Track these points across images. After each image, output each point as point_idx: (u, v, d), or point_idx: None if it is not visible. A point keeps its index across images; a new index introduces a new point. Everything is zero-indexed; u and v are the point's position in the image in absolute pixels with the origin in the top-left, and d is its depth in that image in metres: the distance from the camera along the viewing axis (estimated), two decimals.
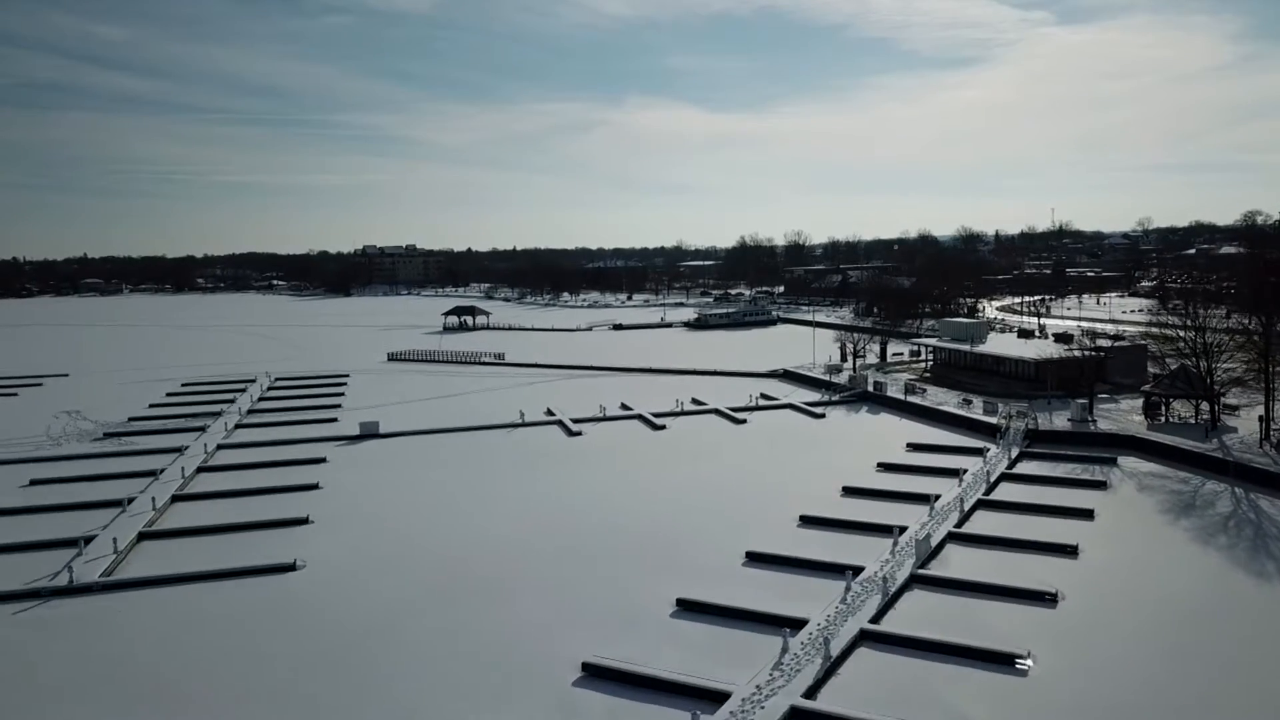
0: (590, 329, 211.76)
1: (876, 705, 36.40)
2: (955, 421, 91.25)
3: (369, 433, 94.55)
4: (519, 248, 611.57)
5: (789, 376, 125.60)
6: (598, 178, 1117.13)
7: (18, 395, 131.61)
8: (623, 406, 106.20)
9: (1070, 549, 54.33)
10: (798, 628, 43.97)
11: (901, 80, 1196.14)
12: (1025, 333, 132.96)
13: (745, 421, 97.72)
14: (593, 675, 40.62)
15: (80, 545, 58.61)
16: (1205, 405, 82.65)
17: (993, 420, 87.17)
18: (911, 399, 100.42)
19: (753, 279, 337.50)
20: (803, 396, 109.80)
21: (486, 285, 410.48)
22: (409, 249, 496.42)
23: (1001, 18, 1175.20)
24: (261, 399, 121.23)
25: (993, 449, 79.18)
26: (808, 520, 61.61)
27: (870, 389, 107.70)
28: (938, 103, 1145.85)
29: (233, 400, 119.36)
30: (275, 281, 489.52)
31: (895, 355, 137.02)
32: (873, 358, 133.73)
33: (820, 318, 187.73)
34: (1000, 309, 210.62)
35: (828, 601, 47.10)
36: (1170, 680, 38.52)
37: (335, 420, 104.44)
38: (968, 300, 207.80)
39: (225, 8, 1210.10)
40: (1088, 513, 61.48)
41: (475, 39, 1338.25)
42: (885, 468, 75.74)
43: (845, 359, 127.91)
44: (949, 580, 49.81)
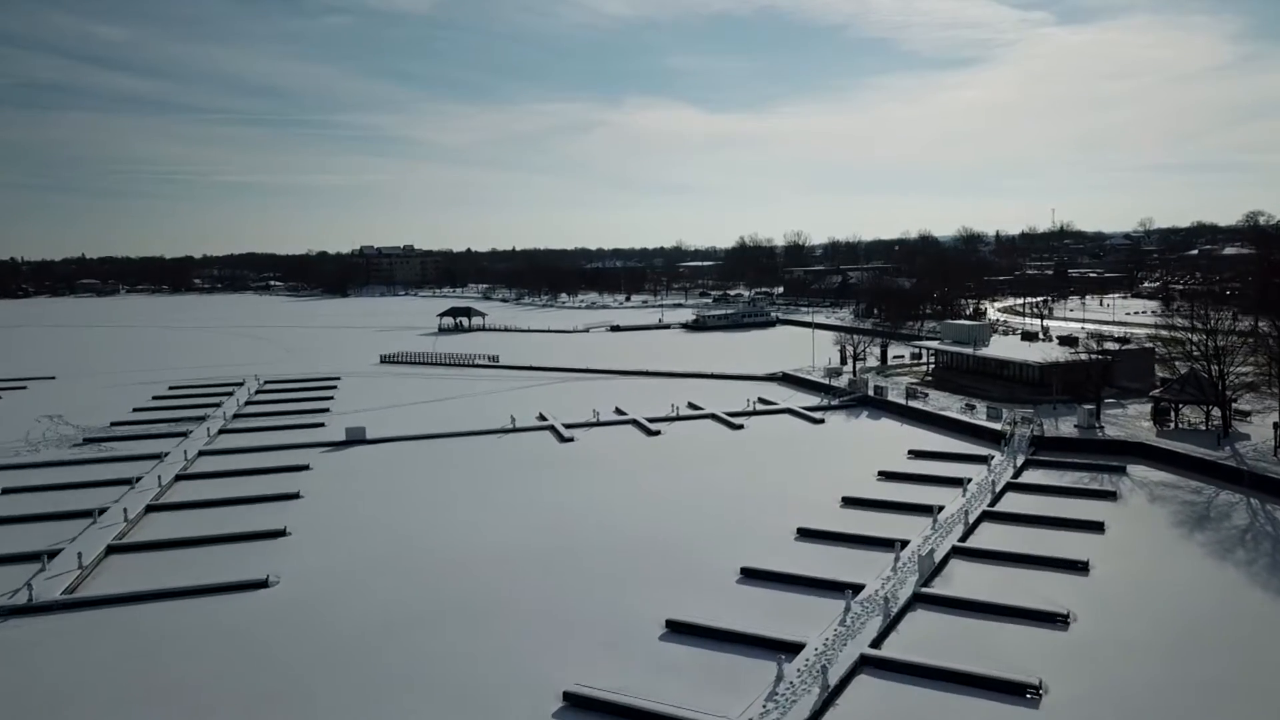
0: (587, 330, 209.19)
1: None
2: (958, 427, 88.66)
3: (355, 439, 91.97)
4: (518, 248, 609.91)
5: (788, 380, 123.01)
6: (597, 178, 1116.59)
7: (0, 399, 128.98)
8: (617, 411, 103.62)
9: (1081, 565, 51.75)
10: (794, 652, 41.42)
11: (901, 80, 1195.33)
12: (1029, 335, 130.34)
13: (742, 427, 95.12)
14: (575, 705, 38.06)
15: (43, 560, 55.98)
16: (1216, 411, 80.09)
17: (997, 426, 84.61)
18: (913, 404, 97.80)
19: (752, 279, 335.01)
20: (802, 401, 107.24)
21: (484, 286, 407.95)
22: (406, 249, 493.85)
23: (1001, 18, 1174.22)
24: (249, 403, 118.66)
25: (997, 457, 76.62)
26: (806, 533, 59.03)
27: (870, 393, 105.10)
28: (938, 103, 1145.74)
29: (219, 404, 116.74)
30: (272, 282, 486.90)
31: (896, 358, 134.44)
32: (873, 360, 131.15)
33: (820, 319, 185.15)
34: (1002, 310, 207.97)
35: (826, 623, 44.54)
36: (1193, 713, 35.94)
37: (322, 425, 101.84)
38: (970, 302, 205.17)
39: (225, 8, 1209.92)
40: (1098, 525, 58.90)
41: (475, 39, 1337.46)
42: (886, 476, 73.14)
43: (845, 362, 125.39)
44: (954, 600, 47.23)
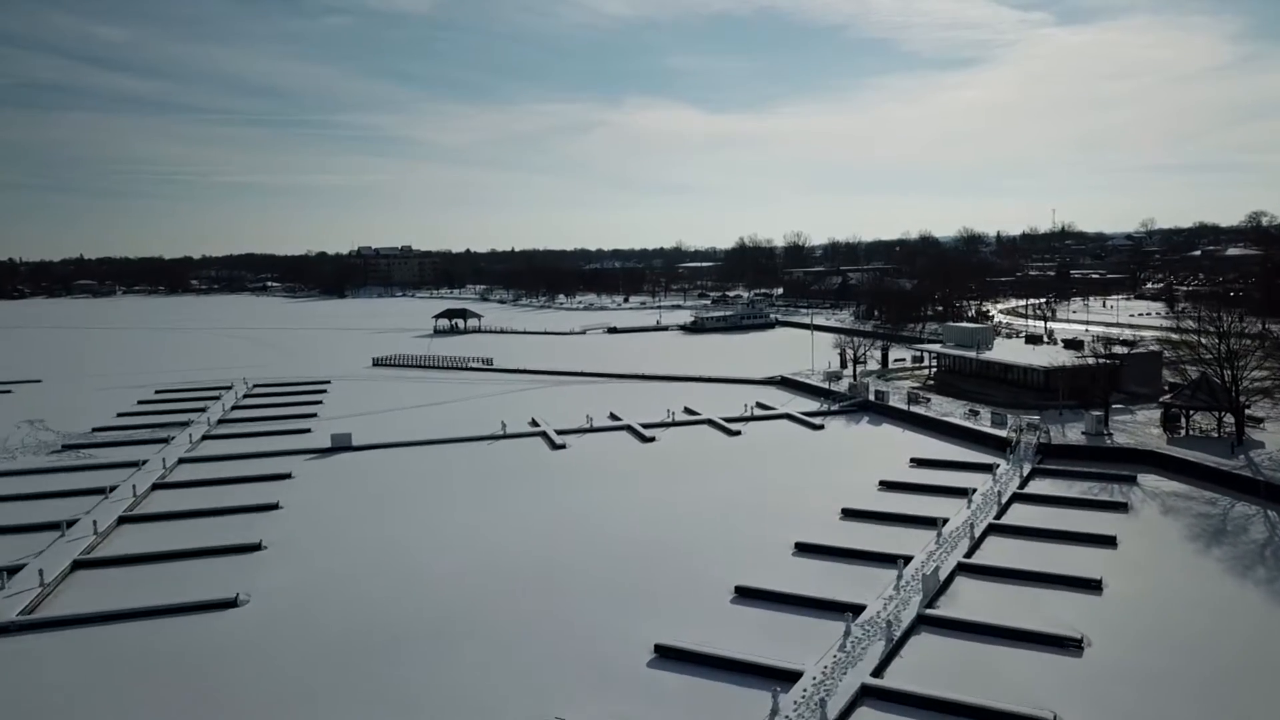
0: (584, 332, 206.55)
1: None
2: (961, 434, 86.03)
3: (340, 445, 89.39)
4: (518, 249, 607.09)
5: (786, 384, 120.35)
6: (597, 178, 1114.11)
7: None
8: (611, 416, 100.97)
9: (1093, 583, 49.14)
10: (790, 681, 38.84)
11: (902, 81, 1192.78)
12: (1033, 339, 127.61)
13: (739, 433, 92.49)
14: None
15: (3, 577, 53.33)
16: (1229, 418, 77.45)
17: (1002, 433, 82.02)
18: (915, 409, 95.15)
19: (751, 280, 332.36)
20: (801, 406, 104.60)
21: (482, 287, 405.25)
22: (404, 250, 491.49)
23: (1001, 19, 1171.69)
24: (235, 407, 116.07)
25: (1002, 465, 74.02)
26: (804, 548, 56.40)
27: (871, 398, 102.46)
28: (938, 103, 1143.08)
29: (205, 409, 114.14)
30: (270, 283, 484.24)
31: (897, 361, 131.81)
32: (873, 364, 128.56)
33: (819, 321, 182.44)
34: (1004, 312, 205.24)
35: (824, 648, 41.93)
36: None
37: (309, 431, 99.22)
38: (972, 303, 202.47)
39: (225, 8, 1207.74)
40: (1109, 540, 56.27)
41: (475, 39, 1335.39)
42: (887, 486, 70.50)
43: (845, 365, 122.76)
44: (960, 622, 44.56)
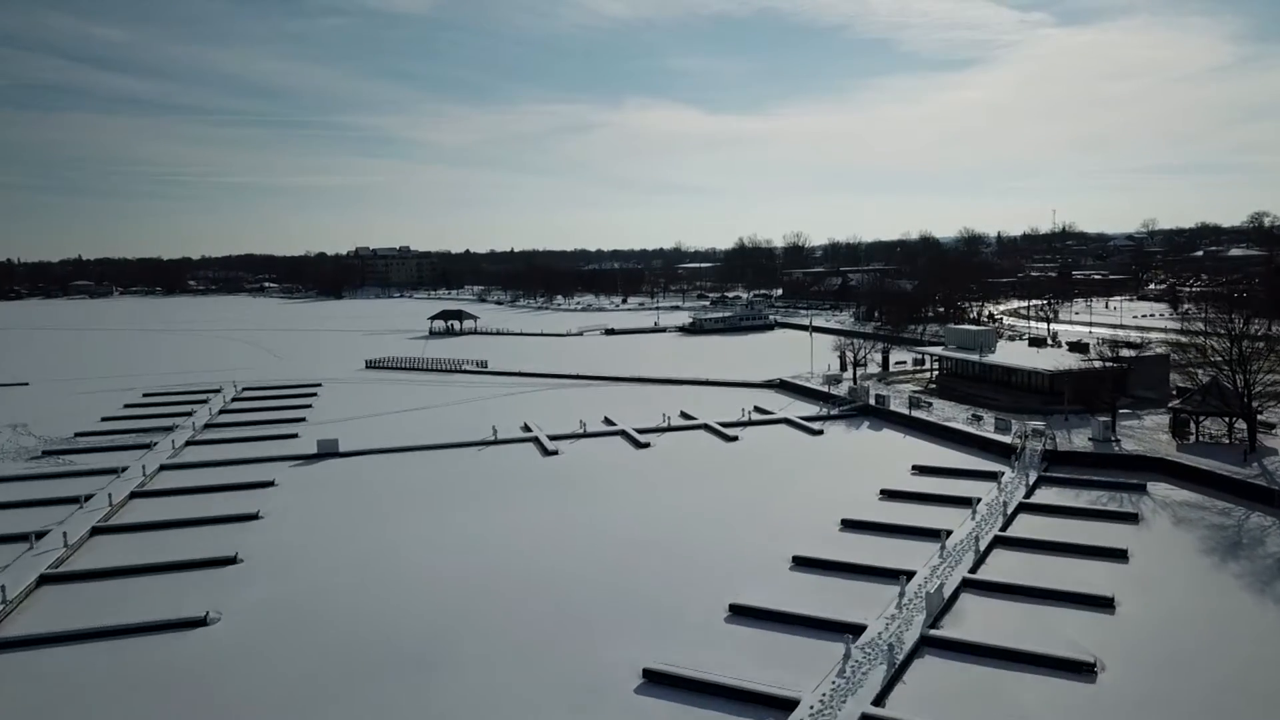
0: (581, 334, 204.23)
1: None
2: (965, 440, 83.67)
3: (327, 451, 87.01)
4: (517, 249, 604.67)
5: (785, 387, 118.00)
6: (597, 178, 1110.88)
7: None
8: (606, 421, 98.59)
9: (1105, 601, 46.79)
10: (787, 710, 36.51)
11: (901, 81, 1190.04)
12: (1037, 341, 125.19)
13: (736, 439, 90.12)
14: None
15: None
16: (1241, 424, 75.08)
17: (1006, 439, 79.68)
18: (916, 414, 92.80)
19: (751, 281, 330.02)
20: (799, 410, 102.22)
21: (480, 288, 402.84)
22: (402, 250, 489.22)
23: (1001, 19, 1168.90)
24: (223, 411, 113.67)
25: (1007, 473, 71.68)
26: (801, 562, 54.05)
27: (872, 402, 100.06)
28: (938, 103, 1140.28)
29: (191, 413, 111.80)
30: (267, 284, 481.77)
31: (898, 364, 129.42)
32: (874, 367, 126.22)
33: (819, 322, 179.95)
34: (1006, 313, 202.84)
35: (823, 673, 39.57)
36: None
37: (296, 436, 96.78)
38: (974, 305, 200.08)
39: (225, 8, 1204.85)
40: (1120, 554, 53.92)
41: (475, 39, 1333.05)
42: (888, 495, 68.17)
43: (845, 368, 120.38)
44: (966, 644, 42.18)
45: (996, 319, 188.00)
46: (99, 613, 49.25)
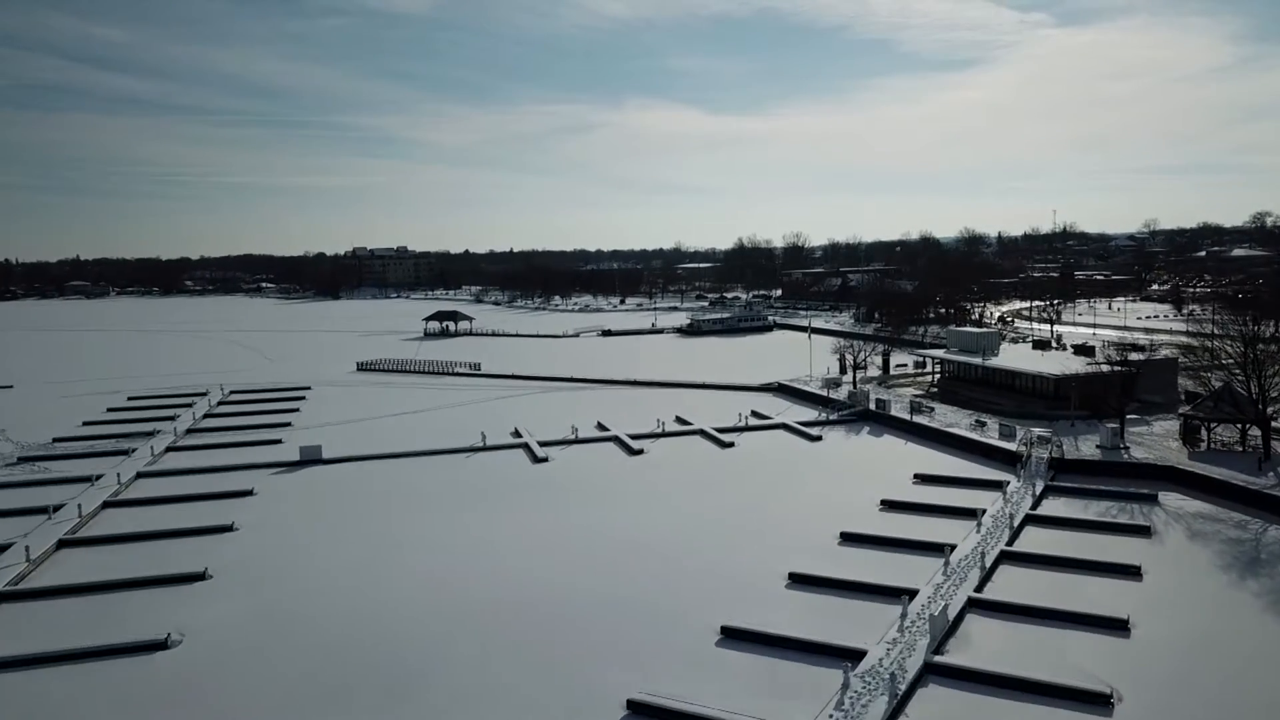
0: (577, 335, 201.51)
1: None
2: (968, 446, 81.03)
3: (310, 458, 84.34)
4: (517, 249, 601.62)
5: (783, 390, 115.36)
6: (597, 178, 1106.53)
7: None
8: (598, 426, 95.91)
9: (1120, 623, 44.11)
10: None
11: (901, 81, 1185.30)
12: (1041, 344, 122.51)
13: (733, 445, 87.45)
14: None
15: None
16: (1255, 431, 72.38)
17: (1011, 446, 77.03)
18: (918, 419, 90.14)
19: (750, 282, 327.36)
20: (798, 415, 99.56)
21: (477, 288, 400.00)
22: (400, 251, 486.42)
23: (1001, 19, 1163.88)
24: (208, 415, 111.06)
25: (1013, 482, 69.01)
26: (798, 579, 51.40)
27: (872, 407, 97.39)
28: (938, 103, 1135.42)
29: (175, 417, 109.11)
30: (264, 284, 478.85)
31: (899, 366, 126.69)
32: (874, 370, 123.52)
33: (818, 324, 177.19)
34: (1008, 314, 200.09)
35: (820, 705, 36.92)
36: None
37: (279, 442, 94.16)
38: (976, 306, 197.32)
39: (225, 8, 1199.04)
40: (1134, 570, 51.26)
41: (475, 39, 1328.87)
42: (889, 506, 65.47)
43: (845, 371, 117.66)
44: (972, 672, 39.50)
45: (1007, 320, 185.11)
46: (55, 635, 46.63)
